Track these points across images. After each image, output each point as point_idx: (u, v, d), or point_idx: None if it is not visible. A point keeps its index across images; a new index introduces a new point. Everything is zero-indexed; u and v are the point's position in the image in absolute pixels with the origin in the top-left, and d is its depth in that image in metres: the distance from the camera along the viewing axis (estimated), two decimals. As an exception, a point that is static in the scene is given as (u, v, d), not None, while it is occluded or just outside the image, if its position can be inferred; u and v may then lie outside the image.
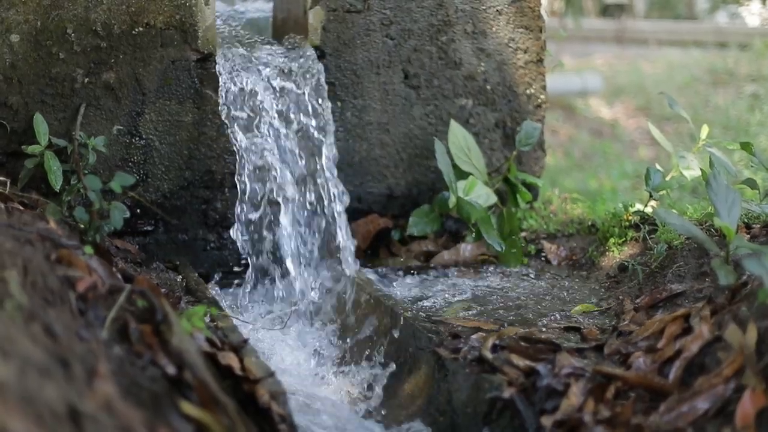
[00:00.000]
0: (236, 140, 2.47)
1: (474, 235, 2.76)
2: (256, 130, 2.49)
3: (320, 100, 2.59)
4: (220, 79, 2.49)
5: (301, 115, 2.57)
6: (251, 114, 2.50)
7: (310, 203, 2.59)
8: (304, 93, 2.57)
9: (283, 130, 2.54)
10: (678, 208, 2.62)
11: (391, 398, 2.02)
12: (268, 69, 2.54)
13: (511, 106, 2.93)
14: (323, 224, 2.58)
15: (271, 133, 2.52)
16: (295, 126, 2.56)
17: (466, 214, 2.64)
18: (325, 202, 2.58)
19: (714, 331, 1.72)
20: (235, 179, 2.50)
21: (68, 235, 2.00)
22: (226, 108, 2.48)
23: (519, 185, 2.82)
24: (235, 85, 2.49)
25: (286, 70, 2.56)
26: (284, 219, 2.49)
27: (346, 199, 2.59)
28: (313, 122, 2.57)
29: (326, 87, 2.62)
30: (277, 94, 2.55)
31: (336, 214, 2.56)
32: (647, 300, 2.16)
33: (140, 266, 2.42)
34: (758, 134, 6.40)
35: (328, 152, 2.58)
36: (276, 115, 2.53)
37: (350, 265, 2.55)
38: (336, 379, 2.19)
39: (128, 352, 1.50)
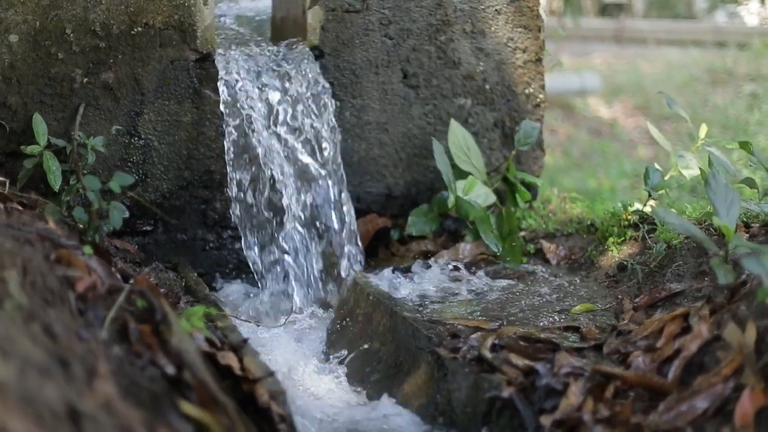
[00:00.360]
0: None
1: (473, 234, 2.76)
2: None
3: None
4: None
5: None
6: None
7: None
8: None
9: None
10: (677, 207, 2.62)
11: (391, 398, 2.02)
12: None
13: (510, 106, 2.93)
14: None
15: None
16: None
17: (465, 214, 2.65)
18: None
19: (713, 330, 1.73)
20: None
21: (67, 235, 2.00)
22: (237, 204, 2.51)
23: (518, 185, 2.83)
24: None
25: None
26: None
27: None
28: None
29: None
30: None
31: None
32: (646, 299, 2.16)
33: (139, 266, 2.42)
34: (757, 133, 6.40)
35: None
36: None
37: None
38: (335, 378, 2.19)
39: (128, 352, 1.50)
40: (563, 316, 2.20)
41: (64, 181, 2.32)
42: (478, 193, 2.70)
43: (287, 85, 2.57)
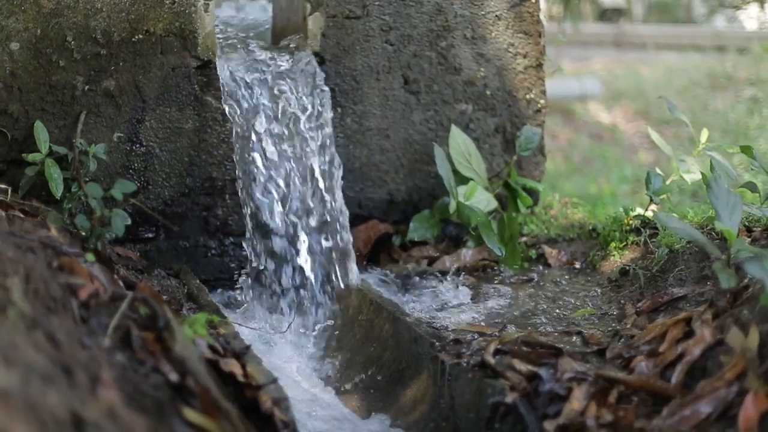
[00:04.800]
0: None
1: (474, 240, 2.76)
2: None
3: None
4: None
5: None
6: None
7: None
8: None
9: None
10: (678, 212, 2.62)
11: (393, 404, 2.02)
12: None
13: (511, 111, 2.93)
14: None
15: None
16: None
17: (467, 219, 2.64)
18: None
19: (716, 335, 1.72)
20: None
21: (70, 243, 2.00)
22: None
23: (519, 190, 2.83)
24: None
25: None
26: None
27: None
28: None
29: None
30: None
31: None
32: (649, 304, 2.16)
33: (141, 273, 2.42)
34: (757, 137, 6.41)
35: None
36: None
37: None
38: (337, 385, 2.18)
39: (131, 359, 1.50)
40: (566, 321, 2.20)
41: (66, 189, 2.32)
42: (480, 199, 2.70)
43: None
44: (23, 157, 2.32)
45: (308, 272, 2.55)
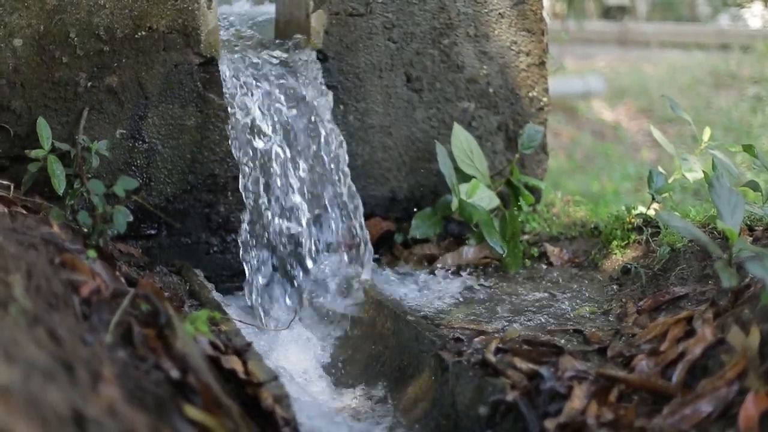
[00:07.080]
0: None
1: (476, 237, 2.76)
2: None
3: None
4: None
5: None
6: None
7: None
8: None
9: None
10: (680, 210, 2.62)
11: (394, 401, 2.02)
12: None
13: (514, 109, 2.93)
14: None
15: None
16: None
17: (469, 217, 2.64)
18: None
19: (717, 334, 1.72)
20: None
21: (72, 239, 2.00)
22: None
23: (521, 188, 2.83)
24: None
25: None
26: None
27: None
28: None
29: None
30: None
31: None
32: (650, 302, 2.16)
33: (143, 270, 2.42)
34: (760, 136, 6.39)
35: None
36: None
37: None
38: (339, 383, 2.19)
39: (132, 356, 1.50)
40: (567, 320, 2.20)
41: (69, 185, 2.32)
42: (482, 197, 2.69)
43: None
44: (26, 153, 2.32)
45: (311, 267, 2.55)
